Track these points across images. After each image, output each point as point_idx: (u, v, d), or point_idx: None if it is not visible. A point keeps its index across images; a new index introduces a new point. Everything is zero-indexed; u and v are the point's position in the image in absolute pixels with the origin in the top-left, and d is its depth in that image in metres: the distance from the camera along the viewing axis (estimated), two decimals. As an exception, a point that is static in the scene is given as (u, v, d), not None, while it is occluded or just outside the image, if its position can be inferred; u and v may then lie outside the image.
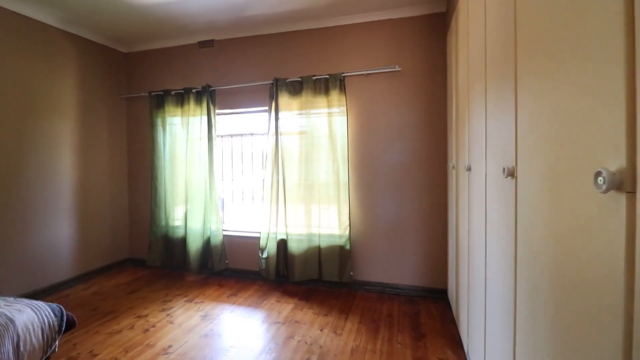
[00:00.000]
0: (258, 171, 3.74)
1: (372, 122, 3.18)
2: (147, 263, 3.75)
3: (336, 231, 3.16)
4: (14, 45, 2.90)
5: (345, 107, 3.15)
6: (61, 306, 1.72)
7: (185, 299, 2.98)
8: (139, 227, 4.03)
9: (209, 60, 3.72)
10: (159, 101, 3.78)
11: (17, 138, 2.91)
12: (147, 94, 3.86)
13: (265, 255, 3.30)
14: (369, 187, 3.18)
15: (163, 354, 2.10)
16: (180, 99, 3.70)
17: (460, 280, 2.22)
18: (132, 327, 2.46)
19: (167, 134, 3.75)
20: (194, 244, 3.56)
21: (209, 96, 3.55)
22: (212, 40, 3.71)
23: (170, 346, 2.20)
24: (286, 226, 3.27)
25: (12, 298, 1.72)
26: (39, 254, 3.07)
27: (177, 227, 3.71)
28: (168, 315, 2.66)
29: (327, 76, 3.19)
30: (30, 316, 1.57)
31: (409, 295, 3.03)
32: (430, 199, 3.01)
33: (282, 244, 3.30)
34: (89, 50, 3.60)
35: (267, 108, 3.47)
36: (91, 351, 2.14)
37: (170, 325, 2.49)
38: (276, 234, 3.28)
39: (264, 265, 3.30)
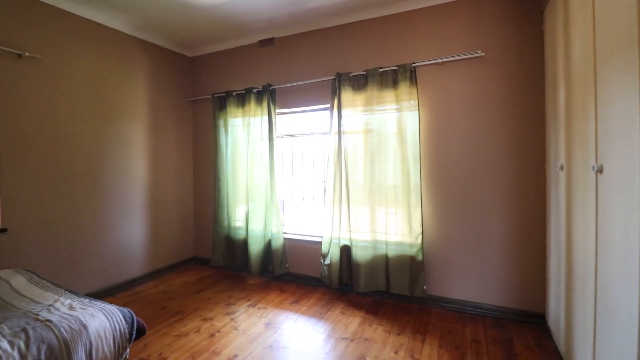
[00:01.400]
0: (319, 172, 3.57)
1: (448, 117, 2.80)
2: (211, 263, 3.80)
3: (406, 239, 2.84)
4: (92, 52, 3.08)
5: (417, 101, 2.82)
6: (132, 312, 1.69)
7: (248, 303, 2.91)
8: (203, 227, 4.12)
9: (269, 59, 3.65)
10: (222, 103, 3.81)
11: (95, 141, 3.10)
12: (210, 96, 3.92)
13: (327, 261, 3.10)
14: (446, 190, 2.81)
15: (228, 365, 2.01)
16: (242, 99, 3.68)
17: (575, 309, 1.78)
18: (198, 331, 2.43)
19: (229, 135, 3.76)
20: (255, 246, 3.50)
21: (269, 95, 3.46)
22: (272, 39, 3.62)
23: (235, 356, 2.10)
24: (350, 231, 3.04)
25: (87, 300, 1.74)
26: (115, 251, 3.24)
27: (239, 228, 3.70)
28: (232, 320, 2.59)
29: (396, 67, 2.89)
30: (102, 322, 1.55)
31: (494, 317, 2.60)
32: (522, 206, 2.55)
33: (346, 251, 3.08)
34: (158, 56, 3.75)
35: (328, 105, 3.28)
36: (160, 354, 2.13)
37: (235, 331, 2.41)
38: (339, 239, 3.07)
39: (326, 273, 3.11)
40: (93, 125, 3.07)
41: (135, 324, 1.66)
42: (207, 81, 4.07)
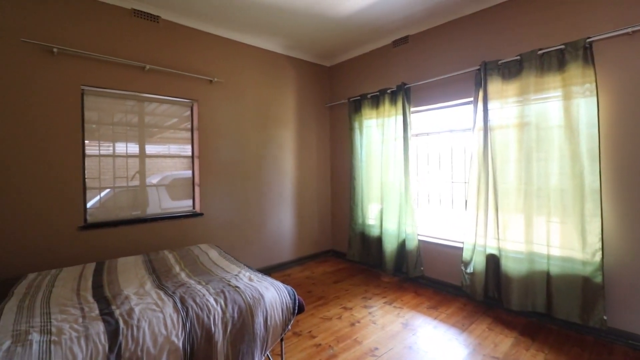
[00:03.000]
0: (459, 172, 3.32)
1: (647, 101, 2.16)
2: (347, 257, 4.05)
3: (577, 255, 2.34)
4: (256, 72, 3.74)
5: (595, 85, 2.29)
6: (294, 290, 1.98)
7: (384, 300, 2.98)
8: (339, 223, 4.44)
9: (403, 57, 3.62)
10: (357, 106, 4.00)
11: (259, 145, 3.76)
12: (346, 101, 4.17)
13: (470, 270, 2.86)
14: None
15: (370, 355, 2.11)
16: (376, 101, 3.77)
17: None
18: (340, 318, 2.64)
19: (364, 136, 3.92)
20: (389, 245, 3.54)
21: (403, 95, 3.44)
22: (407, 37, 3.58)
23: (376, 348, 2.19)
24: (498, 239, 2.72)
25: (260, 274, 2.13)
26: (271, 237, 3.86)
27: (373, 226, 3.82)
28: (370, 313, 2.71)
29: (562, 46, 2.41)
30: (273, 295, 1.87)
31: None
32: None
33: (493, 260, 2.77)
34: (303, 69, 4.24)
35: (471, 99, 3.02)
36: (310, 332, 2.42)
37: (373, 325, 2.52)
38: (484, 247, 2.79)
39: (468, 282, 2.87)
40: (257, 133, 3.74)
41: (297, 301, 1.94)
42: (343, 87, 4.36)
